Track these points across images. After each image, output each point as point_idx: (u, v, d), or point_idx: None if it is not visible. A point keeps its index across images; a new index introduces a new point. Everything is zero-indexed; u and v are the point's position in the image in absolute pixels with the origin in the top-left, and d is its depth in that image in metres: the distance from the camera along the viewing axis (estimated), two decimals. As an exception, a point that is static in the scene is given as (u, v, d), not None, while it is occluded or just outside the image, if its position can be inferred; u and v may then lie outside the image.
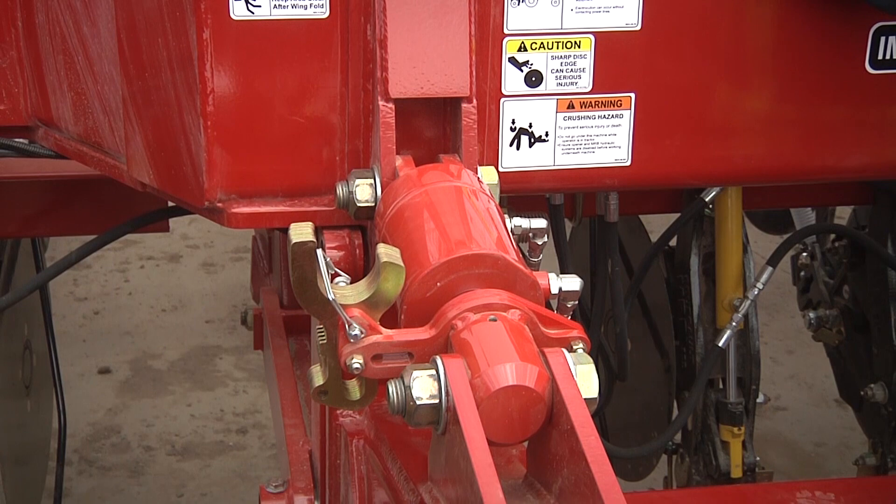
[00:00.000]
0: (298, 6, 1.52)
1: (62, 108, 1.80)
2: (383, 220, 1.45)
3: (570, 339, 1.30)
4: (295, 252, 1.27)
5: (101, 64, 1.71)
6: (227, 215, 1.61)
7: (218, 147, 1.56)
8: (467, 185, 1.45)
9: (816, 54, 1.71)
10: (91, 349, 4.72)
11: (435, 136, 1.57)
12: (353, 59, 1.55)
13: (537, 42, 1.62)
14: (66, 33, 1.74)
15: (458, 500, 1.20)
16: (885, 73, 1.72)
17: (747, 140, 1.74)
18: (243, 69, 1.54)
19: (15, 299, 2.19)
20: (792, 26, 1.69)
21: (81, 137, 1.80)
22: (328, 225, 1.61)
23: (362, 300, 1.29)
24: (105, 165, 1.77)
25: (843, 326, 2.73)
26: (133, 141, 1.68)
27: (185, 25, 1.52)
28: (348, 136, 1.59)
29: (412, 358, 1.28)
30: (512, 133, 1.65)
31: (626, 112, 1.67)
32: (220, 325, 4.91)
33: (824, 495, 1.97)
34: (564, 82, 1.64)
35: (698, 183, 2.25)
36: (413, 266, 1.31)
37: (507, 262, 1.31)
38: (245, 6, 1.51)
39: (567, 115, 1.66)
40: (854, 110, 1.73)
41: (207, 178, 1.57)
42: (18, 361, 2.84)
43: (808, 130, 1.74)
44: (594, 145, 1.68)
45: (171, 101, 1.59)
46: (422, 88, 1.52)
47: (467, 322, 1.27)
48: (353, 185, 1.50)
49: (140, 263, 5.40)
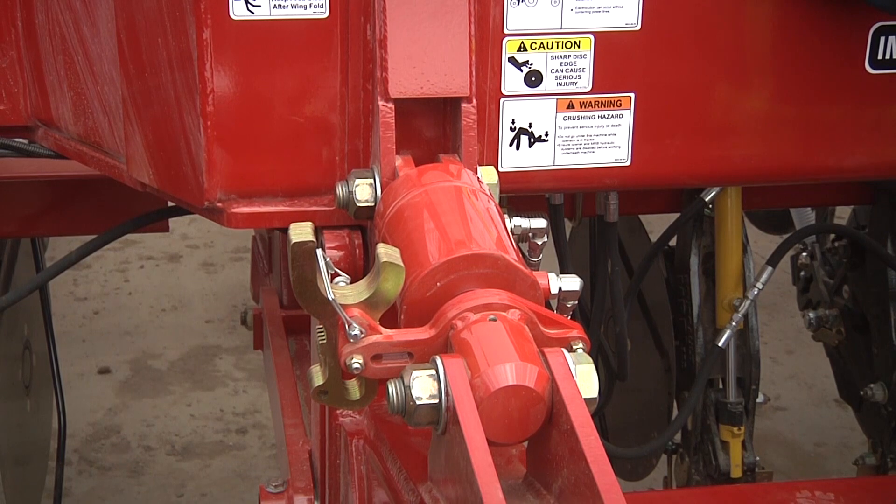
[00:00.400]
0: (298, 6, 1.52)
1: (62, 108, 1.80)
2: (383, 219, 1.45)
3: (570, 339, 1.30)
4: (295, 252, 1.27)
5: (101, 64, 1.71)
6: (226, 215, 1.61)
7: (218, 147, 1.56)
8: (467, 185, 1.45)
9: (816, 54, 1.70)
10: (91, 349, 4.72)
11: (435, 136, 1.57)
12: (353, 59, 1.55)
13: (537, 42, 1.62)
14: (65, 33, 1.74)
15: (457, 500, 1.19)
16: (885, 73, 1.72)
17: (747, 140, 1.74)
18: (243, 69, 1.54)
19: (15, 299, 2.19)
20: (792, 26, 1.69)
21: (81, 137, 1.80)
22: (328, 225, 1.61)
23: (362, 300, 1.29)
24: (105, 165, 1.77)
25: (843, 326, 2.73)
26: (133, 141, 1.68)
27: (185, 25, 1.52)
28: (348, 135, 1.59)
29: (412, 358, 1.28)
30: (512, 133, 1.65)
31: (625, 112, 1.67)
32: (220, 325, 4.91)
33: (824, 495, 1.97)
34: (564, 82, 1.64)
35: (698, 183, 2.25)
36: (413, 266, 1.31)
37: (507, 262, 1.31)
38: (245, 6, 1.51)
39: (567, 115, 1.66)
40: (854, 110, 1.73)
41: (207, 178, 1.57)
42: (18, 361, 2.84)
43: (807, 130, 1.73)
44: (594, 145, 1.68)
45: (170, 101, 1.59)
46: (422, 88, 1.52)
47: (467, 322, 1.26)
48: (353, 185, 1.50)
49: (140, 263, 5.40)
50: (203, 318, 4.95)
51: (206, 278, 5.29)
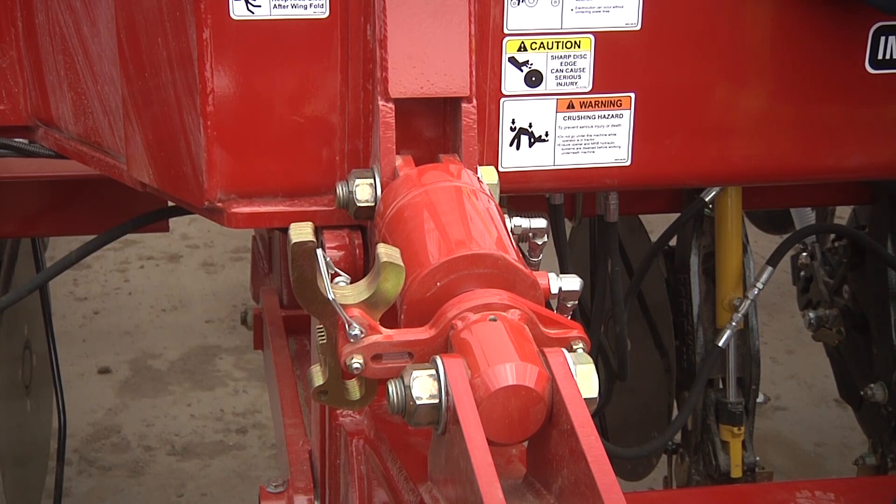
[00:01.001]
0: (298, 6, 1.52)
1: (62, 107, 1.80)
2: (383, 219, 1.45)
3: (570, 339, 1.30)
4: (295, 252, 1.27)
5: (101, 64, 1.71)
6: (226, 215, 1.60)
7: (218, 147, 1.56)
8: (467, 185, 1.45)
9: (816, 54, 1.70)
10: (91, 349, 4.72)
11: (435, 136, 1.57)
12: (353, 59, 1.55)
13: (537, 42, 1.62)
14: (66, 33, 1.74)
15: (458, 499, 1.19)
16: (886, 73, 1.72)
17: (747, 140, 1.74)
18: (243, 69, 1.54)
19: (15, 299, 2.19)
20: (791, 26, 1.69)
21: (81, 137, 1.80)
22: (328, 225, 1.61)
23: (362, 300, 1.29)
24: (105, 165, 1.77)
25: (843, 326, 2.72)
26: (133, 141, 1.68)
27: (185, 25, 1.52)
28: (348, 135, 1.59)
29: (412, 358, 1.28)
30: (512, 133, 1.65)
31: (625, 112, 1.67)
32: (220, 324, 4.91)
33: (824, 495, 1.97)
34: (564, 82, 1.64)
35: (698, 183, 2.25)
36: (413, 266, 1.31)
37: (507, 261, 1.31)
38: (245, 6, 1.51)
39: (567, 115, 1.66)
40: (854, 110, 1.73)
41: (207, 178, 1.57)
42: (18, 361, 2.84)
43: (807, 130, 1.73)
44: (594, 145, 1.68)
45: (170, 101, 1.59)
46: (422, 88, 1.52)
47: (467, 322, 1.26)
48: (353, 185, 1.50)
49: (140, 263, 5.40)
50: (203, 318, 4.95)
51: (207, 278, 5.28)
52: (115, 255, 5.40)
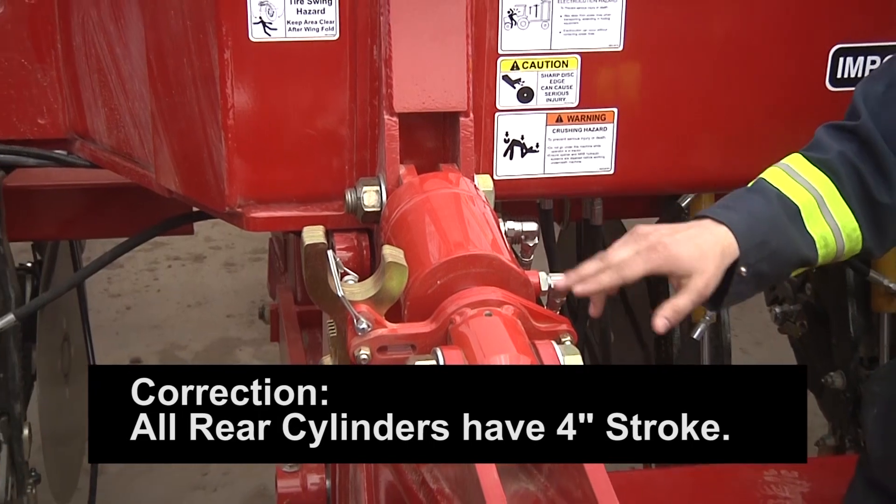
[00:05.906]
0: (311, 29, 1.52)
1: (97, 122, 1.80)
2: (388, 223, 1.44)
3: (559, 332, 1.30)
4: (308, 253, 1.26)
5: (132, 82, 1.71)
6: (246, 219, 1.60)
7: (238, 157, 1.56)
8: (465, 192, 1.44)
9: (780, 72, 1.70)
10: (123, 341, 4.71)
11: (435, 147, 1.57)
12: (361, 77, 1.55)
13: (528, 61, 1.61)
14: (100, 54, 1.74)
15: (456, 479, 1.19)
16: (844, 91, 1.72)
17: (718, 151, 1.74)
18: (261, 86, 1.53)
19: (55, 295, 2.19)
20: (758, 46, 1.68)
21: (114, 149, 1.79)
22: (338, 228, 1.61)
23: (369, 297, 1.28)
24: (135, 174, 1.77)
25: (806, 320, 2.72)
26: (161, 152, 1.68)
27: (208, 47, 1.52)
28: (356, 147, 1.58)
29: (415, 349, 1.28)
30: (505, 144, 1.65)
31: (609, 125, 1.67)
32: (240, 319, 4.90)
33: (789, 473, 1.98)
34: (553, 98, 1.64)
35: (675, 190, 2.24)
36: (415, 265, 1.31)
37: (501, 262, 1.31)
38: (263, 29, 1.51)
39: (556, 128, 1.66)
40: (815, 124, 1.73)
41: (228, 186, 1.57)
42: (58, 352, 2.83)
43: (773, 142, 1.73)
44: (580, 155, 1.68)
45: (195, 116, 1.59)
46: (423, 104, 1.52)
47: (465, 317, 1.26)
48: (361, 192, 1.50)
49: (168, 263, 5.40)
50: (225, 313, 4.94)
51: (228, 277, 5.28)
52: (145, 255, 5.39)
